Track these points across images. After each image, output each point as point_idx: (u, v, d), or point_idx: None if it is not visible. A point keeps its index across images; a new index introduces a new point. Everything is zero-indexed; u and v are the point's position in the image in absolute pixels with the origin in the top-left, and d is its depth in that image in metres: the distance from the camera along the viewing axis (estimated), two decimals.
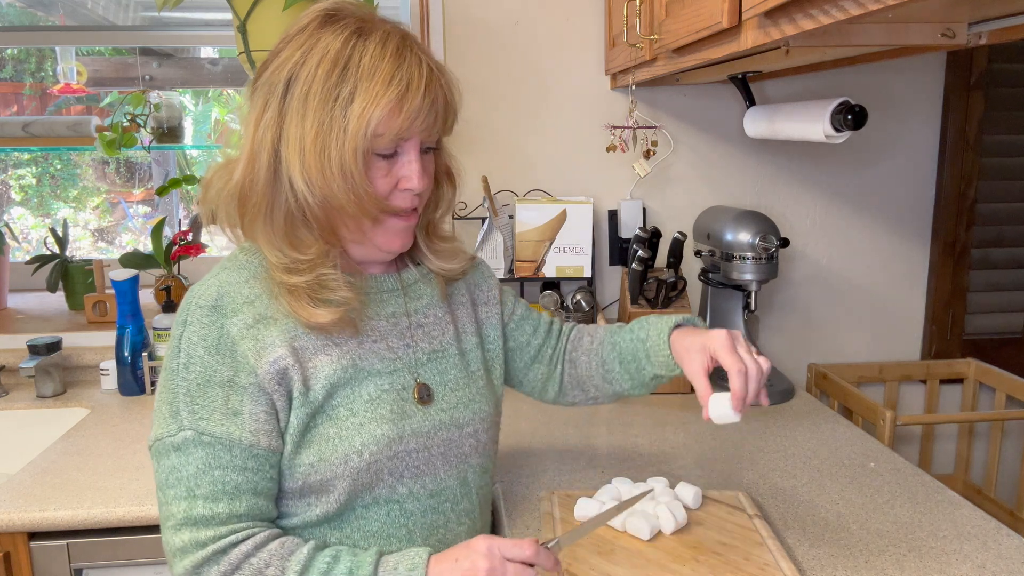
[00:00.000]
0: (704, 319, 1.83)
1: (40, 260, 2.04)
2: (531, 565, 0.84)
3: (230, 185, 0.91)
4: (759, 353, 0.97)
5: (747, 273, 1.65)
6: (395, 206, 0.92)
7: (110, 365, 1.75)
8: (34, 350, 1.71)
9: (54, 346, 1.74)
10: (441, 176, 1.02)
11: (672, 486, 1.19)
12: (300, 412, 0.88)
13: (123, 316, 1.73)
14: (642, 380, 1.09)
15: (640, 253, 1.68)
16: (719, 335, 0.96)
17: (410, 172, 0.90)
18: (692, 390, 1.70)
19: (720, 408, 0.94)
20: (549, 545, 0.87)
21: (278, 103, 0.88)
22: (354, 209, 0.88)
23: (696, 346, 0.98)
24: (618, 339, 1.11)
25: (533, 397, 1.19)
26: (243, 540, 0.84)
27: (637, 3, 1.43)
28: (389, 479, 0.91)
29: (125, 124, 1.96)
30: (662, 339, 1.03)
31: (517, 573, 0.83)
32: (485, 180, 1.79)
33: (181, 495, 0.84)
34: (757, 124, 1.53)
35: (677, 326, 1.04)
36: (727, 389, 0.93)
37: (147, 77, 2.22)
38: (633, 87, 1.69)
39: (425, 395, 0.96)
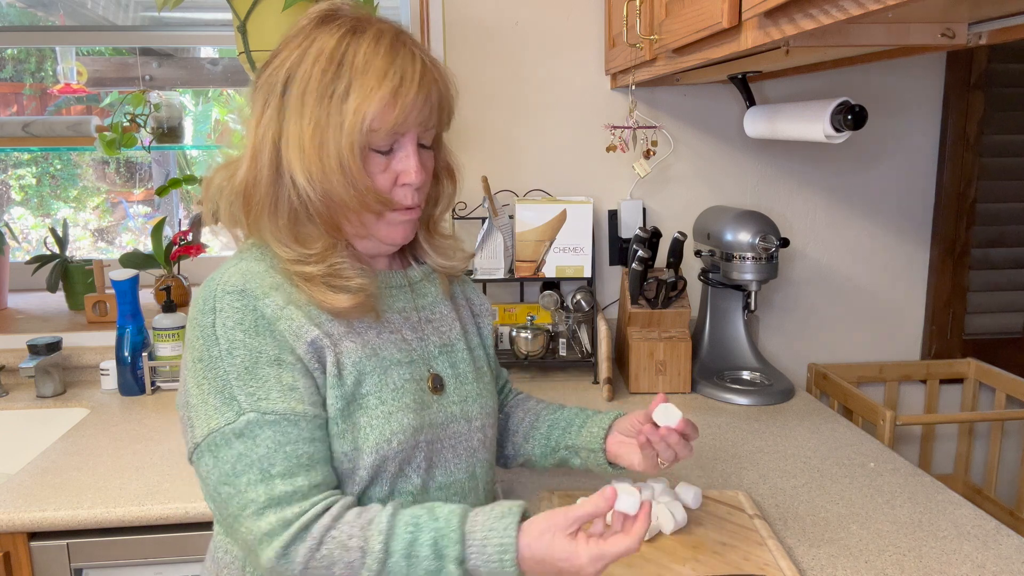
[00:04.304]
0: (704, 318, 1.84)
1: (40, 260, 2.04)
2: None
3: (233, 183, 0.92)
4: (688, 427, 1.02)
5: (747, 273, 1.65)
6: (396, 202, 0.93)
7: (110, 365, 1.75)
8: (34, 350, 1.71)
9: (54, 346, 1.74)
10: (441, 172, 1.03)
11: (672, 486, 1.19)
12: (333, 394, 0.88)
13: (123, 316, 1.73)
14: (555, 448, 1.13)
15: (640, 253, 1.68)
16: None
17: (407, 167, 0.91)
18: (692, 390, 1.72)
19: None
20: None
21: (277, 102, 0.89)
22: (355, 204, 0.90)
23: (635, 417, 1.06)
24: (565, 409, 1.16)
25: None
26: (323, 512, 0.83)
27: (637, 3, 1.43)
28: (408, 469, 0.93)
29: (125, 124, 1.96)
30: (605, 421, 1.09)
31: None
32: (485, 180, 1.79)
33: (256, 479, 0.82)
34: (757, 124, 1.53)
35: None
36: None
37: (147, 77, 2.23)
38: (633, 87, 1.69)
39: (438, 384, 0.98)
